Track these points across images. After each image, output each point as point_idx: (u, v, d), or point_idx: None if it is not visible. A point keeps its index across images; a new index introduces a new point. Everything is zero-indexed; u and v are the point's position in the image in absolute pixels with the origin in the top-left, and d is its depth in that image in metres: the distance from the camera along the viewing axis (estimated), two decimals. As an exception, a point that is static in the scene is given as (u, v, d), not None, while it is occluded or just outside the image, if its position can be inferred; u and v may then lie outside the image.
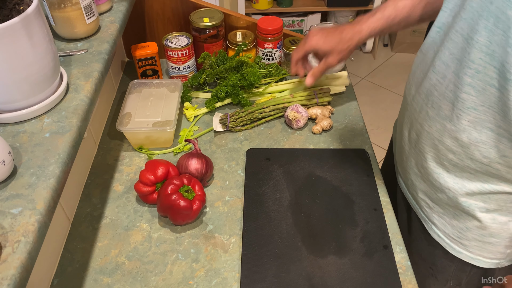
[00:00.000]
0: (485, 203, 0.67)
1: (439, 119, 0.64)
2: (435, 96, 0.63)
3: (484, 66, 0.53)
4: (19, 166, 0.58)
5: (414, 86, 0.70)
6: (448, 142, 0.64)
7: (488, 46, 0.52)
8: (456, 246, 0.74)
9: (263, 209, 0.80)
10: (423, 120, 0.68)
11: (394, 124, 0.94)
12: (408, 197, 0.83)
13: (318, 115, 0.97)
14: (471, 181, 0.66)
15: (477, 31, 0.53)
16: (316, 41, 0.84)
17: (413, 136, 0.73)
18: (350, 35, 0.81)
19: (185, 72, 1.05)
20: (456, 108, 0.59)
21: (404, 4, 0.79)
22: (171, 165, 0.80)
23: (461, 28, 0.56)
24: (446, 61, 0.60)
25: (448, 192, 0.69)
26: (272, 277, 0.70)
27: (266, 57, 1.08)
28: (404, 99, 0.77)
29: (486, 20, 0.52)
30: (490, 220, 0.68)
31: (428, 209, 0.76)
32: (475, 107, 0.57)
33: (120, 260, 0.73)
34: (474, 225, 0.70)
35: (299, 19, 2.55)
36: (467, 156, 0.63)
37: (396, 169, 0.88)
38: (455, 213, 0.71)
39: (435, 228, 0.77)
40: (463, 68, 0.56)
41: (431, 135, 0.67)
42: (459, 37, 0.57)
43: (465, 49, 0.56)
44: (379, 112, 2.40)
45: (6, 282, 0.45)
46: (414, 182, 0.77)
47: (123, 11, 0.91)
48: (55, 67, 0.66)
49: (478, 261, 0.74)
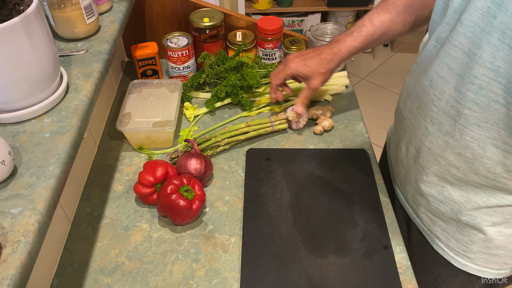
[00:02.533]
0: (491, 216, 0.65)
1: (440, 135, 0.62)
2: (434, 112, 0.62)
3: (488, 82, 0.51)
4: (19, 166, 0.58)
5: (409, 99, 0.68)
6: (451, 158, 0.62)
7: (492, 62, 0.50)
8: (461, 259, 0.73)
9: (263, 209, 0.80)
10: (423, 136, 0.66)
11: (388, 132, 0.93)
12: (408, 210, 0.81)
13: (319, 115, 0.97)
14: (477, 194, 0.64)
15: (480, 46, 0.51)
16: (296, 66, 0.82)
17: (412, 151, 0.71)
18: (330, 57, 0.80)
19: (185, 72, 1.05)
20: (459, 124, 0.58)
21: (381, 20, 0.77)
22: (170, 166, 0.80)
23: (461, 43, 0.54)
24: (444, 76, 0.58)
25: (452, 205, 0.68)
26: (272, 277, 0.70)
27: (266, 57, 1.08)
28: (398, 110, 0.75)
29: (489, 35, 0.50)
30: (496, 233, 0.67)
31: (430, 223, 0.75)
32: (478, 124, 0.55)
33: (120, 260, 0.73)
34: (480, 238, 0.68)
35: (299, 19, 2.55)
36: (471, 171, 0.61)
37: (393, 179, 0.87)
38: (459, 226, 0.70)
39: (438, 242, 0.75)
40: (465, 84, 0.54)
41: (433, 151, 0.65)
42: (458, 52, 0.55)
43: (467, 64, 0.54)
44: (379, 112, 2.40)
45: (6, 282, 0.45)
46: (415, 196, 0.76)
47: (123, 11, 0.91)
48: (55, 67, 0.66)
49: (485, 272, 0.73)
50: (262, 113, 1.01)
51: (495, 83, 0.51)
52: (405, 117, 0.71)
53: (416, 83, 0.66)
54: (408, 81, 0.70)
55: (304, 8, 2.47)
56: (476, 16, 0.52)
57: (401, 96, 0.73)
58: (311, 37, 1.08)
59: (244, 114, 1.00)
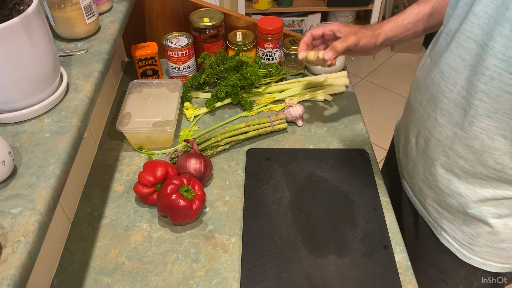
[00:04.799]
0: (497, 208, 0.66)
1: (449, 126, 0.63)
2: (444, 103, 0.62)
3: (500, 72, 0.52)
4: (19, 166, 0.58)
5: (419, 92, 0.69)
6: (460, 149, 0.63)
7: (503, 52, 0.51)
8: (466, 252, 0.74)
9: (263, 209, 0.80)
10: (432, 127, 0.67)
11: (396, 127, 0.93)
12: (415, 202, 0.82)
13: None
14: (484, 187, 0.65)
15: (492, 37, 0.52)
16: (338, 25, 0.81)
17: (421, 143, 0.72)
18: (370, 33, 0.79)
19: (185, 72, 1.05)
20: (469, 115, 0.58)
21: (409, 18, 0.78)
22: (170, 166, 0.80)
23: (475, 35, 0.55)
24: (457, 68, 0.59)
25: (459, 198, 0.68)
26: (272, 277, 0.70)
27: (266, 57, 1.08)
28: (408, 103, 0.76)
29: (501, 26, 0.51)
30: (502, 226, 0.67)
31: (437, 215, 0.76)
32: (488, 114, 0.56)
33: (120, 260, 0.73)
34: (485, 231, 0.69)
35: (299, 19, 2.55)
36: (479, 163, 0.62)
37: (401, 173, 0.88)
38: (465, 219, 0.70)
39: (444, 234, 0.76)
40: (476, 75, 0.55)
41: (441, 142, 0.66)
42: (472, 43, 0.56)
43: (479, 56, 0.55)
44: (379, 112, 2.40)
45: (6, 282, 0.45)
46: (422, 188, 0.76)
47: (123, 11, 0.91)
48: (55, 67, 0.66)
49: (489, 266, 0.73)
50: (262, 112, 1.01)
51: (506, 74, 0.52)
52: (415, 109, 0.72)
53: (427, 76, 0.66)
54: (419, 74, 0.71)
55: (304, 8, 2.47)
56: (491, 8, 0.53)
57: (412, 89, 0.74)
58: (311, 37, 1.08)
59: (244, 114, 1.00)
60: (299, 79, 1.07)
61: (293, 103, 0.96)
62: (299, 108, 0.96)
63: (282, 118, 0.95)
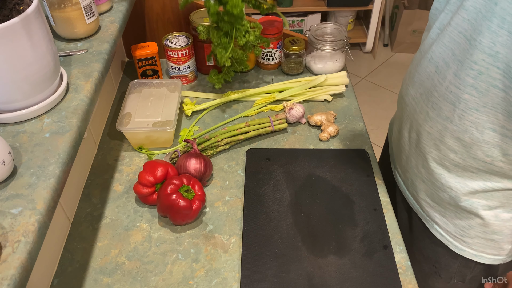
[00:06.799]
0: (488, 200, 0.67)
1: (440, 120, 0.64)
2: (435, 97, 0.63)
3: (487, 67, 0.53)
4: (19, 166, 0.58)
5: (412, 86, 0.70)
6: (450, 142, 0.64)
7: (491, 47, 0.52)
8: (459, 244, 0.75)
9: (263, 209, 0.80)
10: (424, 121, 0.68)
11: (390, 123, 0.94)
12: (408, 197, 0.83)
13: (323, 121, 0.96)
14: (474, 180, 0.66)
15: (480, 32, 0.53)
16: None
17: (413, 137, 0.72)
18: None
19: (185, 72, 1.05)
20: (458, 109, 0.59)
21: None
22: (170, 166, 0.80)
23: (464, 30, 0.56)
24: (448, 62, 0.60)
25: (450, 191, 0.69)
26: (272, 277, 0.70)
27: (266, 57, 1.08)
28: (400, 99, 0.77)
29: (489, 21, 0.52)
30: (493, 217, 0.68)
31: (429, 208, 0.76)
32: (477, 108, 0.57)
33: (120, 260, 0.73)
34: (477, 222, 0.70)
35: (299, 19, 2.55)
36: (469, 156, 0.63)
37: (394, 167, 0.88)
38: (457, 211, 0.71)
39: (437, 227, 0.77)
40: (465, 69, 0.56)
41: (432, 136, 0.67)
42: (462, 38, 0.57)
43: (467, 50, 0.55)
44: (379, 112, 2.40)
45: (6, 282, 0.45)
46: (414, 182, 0.77)
47: (123, 11, 0.91)
48: (55, 67, 0.66)
49: (481, 257, 0.74)
50: (262, 112, 1.01)
51: (494, 68, 0.52)
52: (407, 104, 0.72)
53: (421, 69, 0.67)
54: (411, 68, 0.72)
55: (304, 8, 2.47)
56: (480, 3, 0.53)
57: (404, 84, 0.75)
58: (311, 37, 1.08)
59: (244, 114, 1.00)
60: (299, 79, 1.07)
61: (292, 104, 0.96)
62: (300, 108, 0.96)
63: (282, 118, 0.95)
